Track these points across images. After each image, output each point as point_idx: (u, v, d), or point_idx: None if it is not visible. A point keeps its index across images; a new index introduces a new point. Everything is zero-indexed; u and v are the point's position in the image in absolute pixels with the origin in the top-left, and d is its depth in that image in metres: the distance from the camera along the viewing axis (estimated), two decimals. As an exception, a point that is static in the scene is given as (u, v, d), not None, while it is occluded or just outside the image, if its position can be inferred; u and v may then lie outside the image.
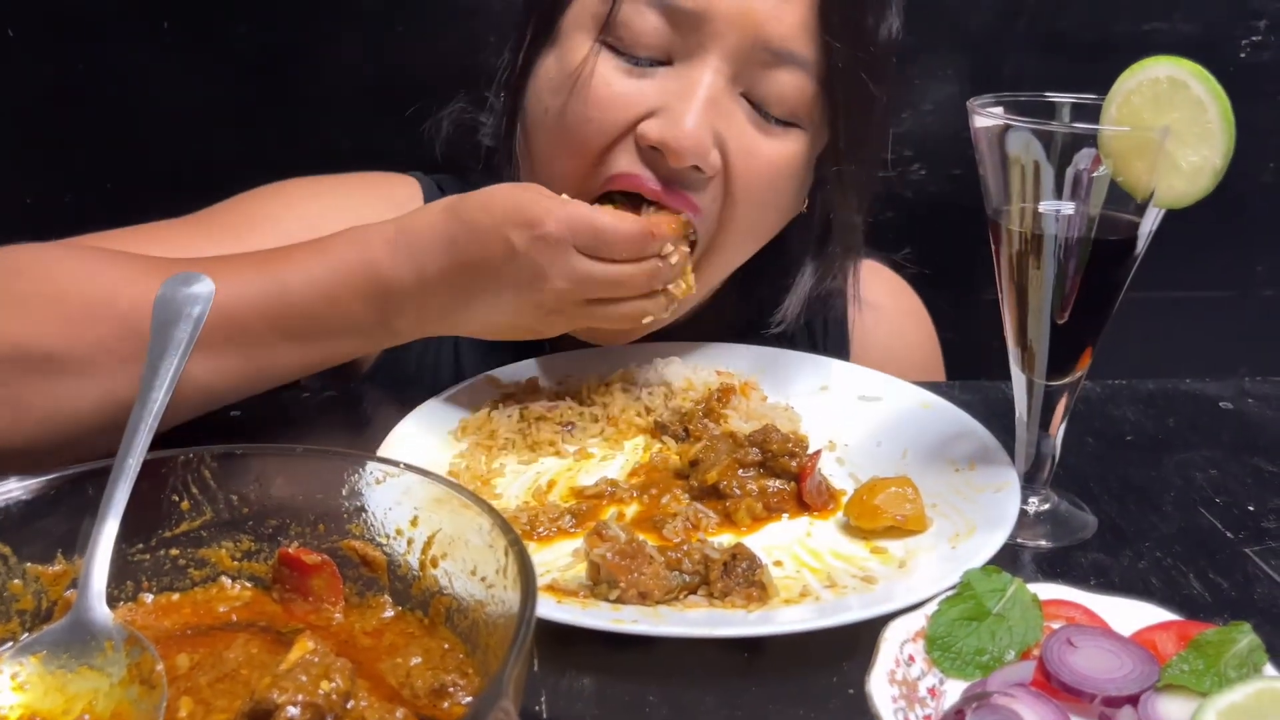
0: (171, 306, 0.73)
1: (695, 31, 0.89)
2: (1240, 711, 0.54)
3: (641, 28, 0.89)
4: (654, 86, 0.90)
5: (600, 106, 0.90)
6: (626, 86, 0.90)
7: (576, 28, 0.93)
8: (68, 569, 0.60)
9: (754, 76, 0.91)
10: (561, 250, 0.81)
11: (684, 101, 0.88)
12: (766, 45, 0.89)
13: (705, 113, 0.88)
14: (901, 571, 0.72)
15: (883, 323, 1.19)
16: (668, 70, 0.90)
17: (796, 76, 0.91)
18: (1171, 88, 0.65)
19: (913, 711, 0.57)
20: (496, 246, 0.81)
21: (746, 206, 0.93)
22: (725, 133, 0.90)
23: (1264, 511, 0.83)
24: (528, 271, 0.81)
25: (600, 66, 0.90)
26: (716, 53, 0.89)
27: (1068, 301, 0.74)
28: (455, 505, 0.59)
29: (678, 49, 0.90)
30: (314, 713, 0.51)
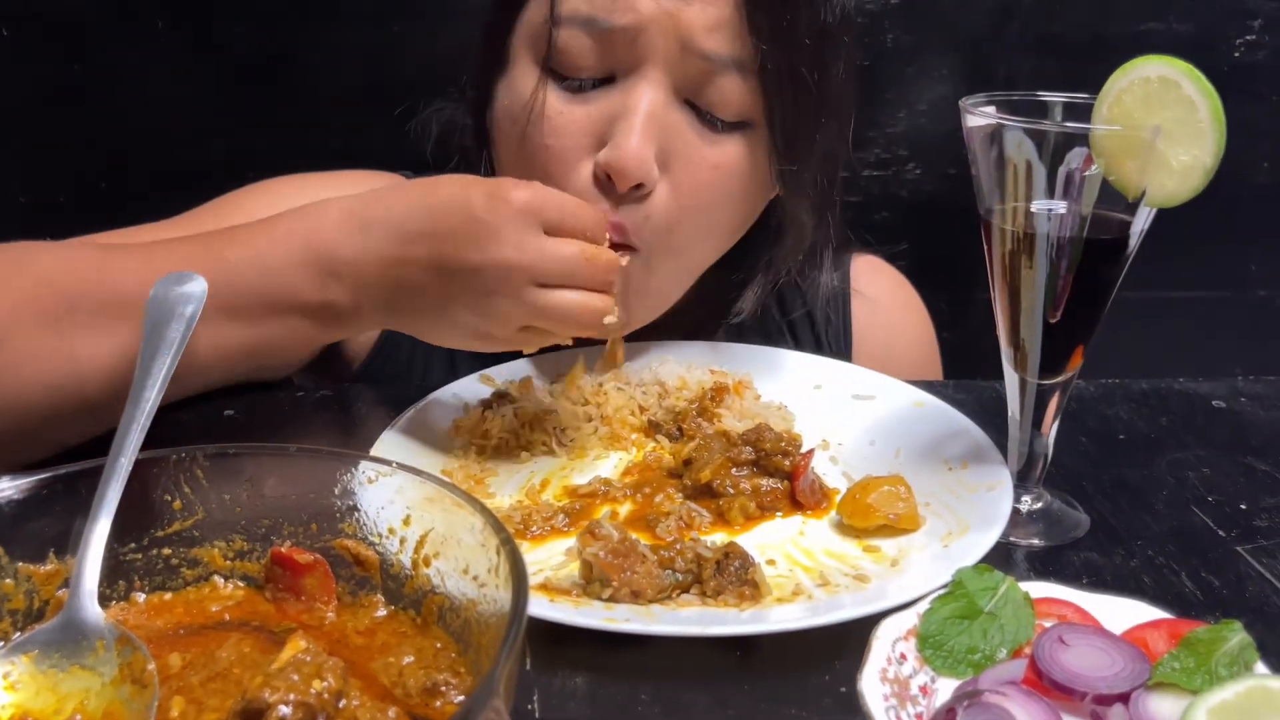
0: (164, 306, 0.73)
1: (629, 48, 0.90)
2: (1231, 709, 0.54)
3: (578, 51, 0.91)
4: (599, 109, 0.92)
5: (555, 134, 0.92)
6: (575, 113, 0.92)
7: (522, 54, 0.95)
8: (60, 568, 0.60)
9: (695, 84, 0.92)
10: (522, 219, 0.79)
11: (625, 121, 0.89)
12: (700, 52, 0.90)
13: (646, 128, 0.89)
14: (894, 570, 0.72)
15: (881, 316, 1.20)
16: (610, 89, 0.92)
17: (735, 79, 0.91)
18: (1163, 87, 0.65)
19: (904, 709, 0.57)
20: (455, 208, 0.80)
21: (694, 211, 0.94)
22: (668, 145, 0.91)
23: (1256, 510, 0.83)
24: (482, 231, 0.79)
25: (550, 95, 0.92)
26: (653, 65, 0.90)
27: (1060, 300, 0.74)
28: (448, 504, 0.59)
29: (617, 67, 0.91)
30: (306, 712, 0.51)
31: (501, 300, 0.81)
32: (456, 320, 0.83)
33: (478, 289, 0.80)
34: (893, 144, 1.53)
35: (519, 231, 0.79)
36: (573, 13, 0.90)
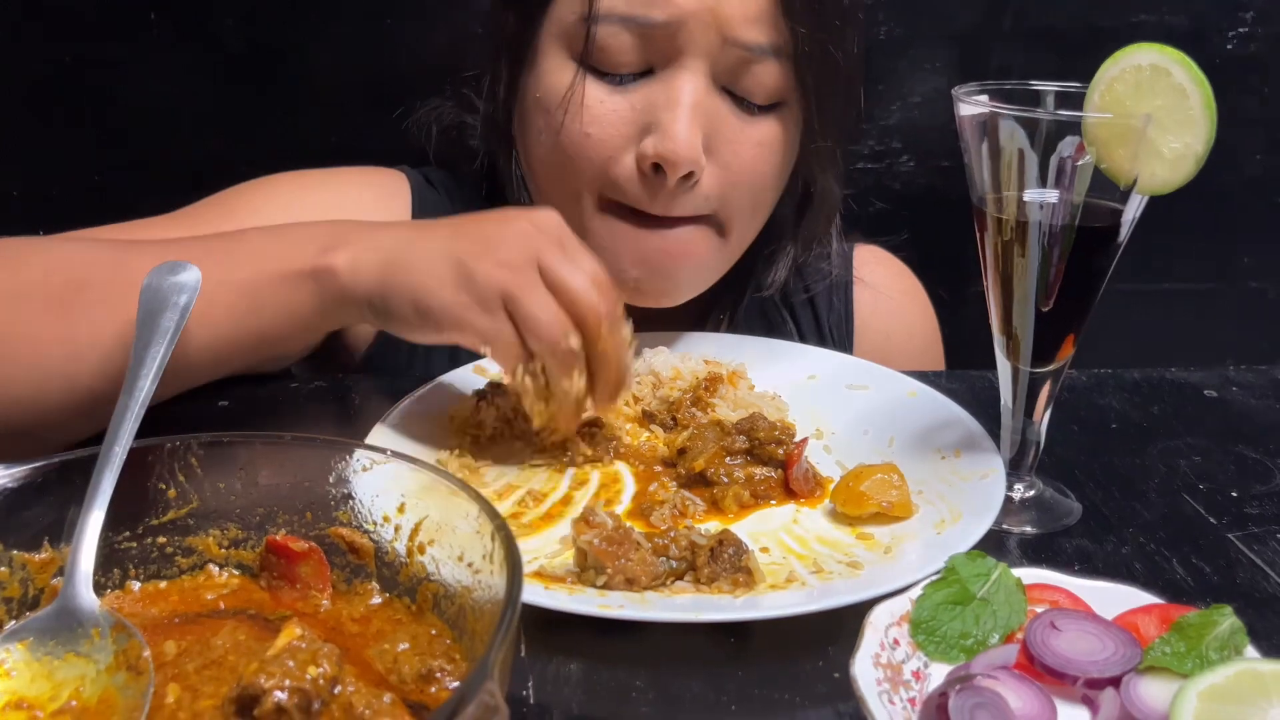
0: (158, 295, 0.73)
1: (669, 42, 0.92)
2: (1221, 692, 0.54)
3: (618, 48, 0.93)
4: (641, 99, 0.94)
5: (597, 123, 0.94)
6: (616, 102, 0.94)
7: (552, 50, 0.97)
8: (54, 556, 0.60)
9: (732, 72, 0.95)
10: (542, 227, 0.79)
11: (671, 111, 0.92)
12: (738, 42, 0.93)
13: (692, 118, 0.92)
14: (887, 557, 0.73)
15: (883, 304, 1.22)
16: (650, 81, 0.94)
17: (771, 64, 0.95)
18: (1154, 75, 0.66)
19: (897, 694, 0.57)
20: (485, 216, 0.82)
21: (743, 189, 0.98)
22: (713, 131, 0.94)
23: (1246, 497, 0.84)
24: (493, 221, 0.80)
25: (589, 88, 0.94)
26: (693, 57, 0.93)
27: (1052, 289, 0.75)
28: (442, 492, 0.60)
29: (656, 60, 0.94)
30: (301, 698, 0.51)
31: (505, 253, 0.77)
32: (441, 301, 0.78)
33: (483, 251, 0.78)
34: (886, 136, 1.53)
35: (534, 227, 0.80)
36: (610, 10, 0.92)
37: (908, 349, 1.23)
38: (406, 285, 0.78)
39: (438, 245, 0.79)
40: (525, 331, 0.77)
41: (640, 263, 0.99)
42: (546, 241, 0.78)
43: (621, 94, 0.95)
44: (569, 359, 0.77)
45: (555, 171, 0.99)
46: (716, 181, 0.96)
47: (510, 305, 0.77)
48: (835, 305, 1.21)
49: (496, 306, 0.77)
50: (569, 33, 0.95)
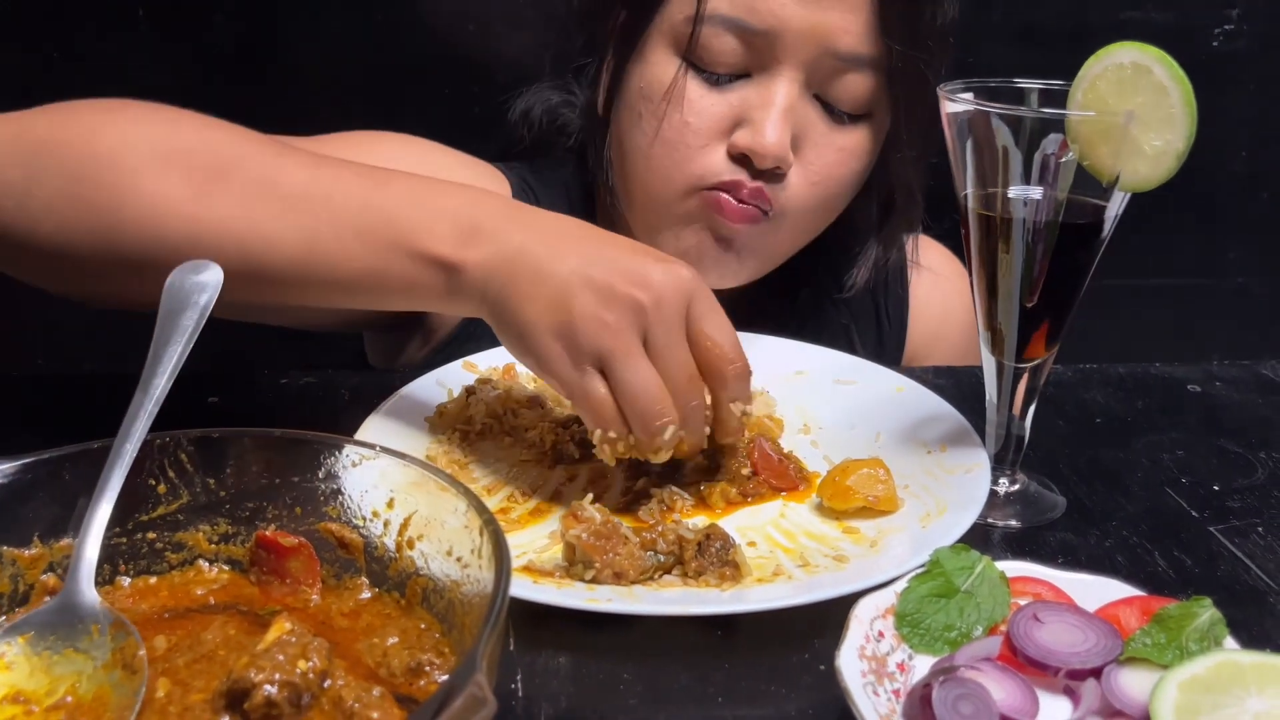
0: (179, 295, 0.71)
1: (769, 48, 0.98)
2: (1200, 683, 0.55)
3: (720, 49, 0.99)
4: (737, 98, 1.00)
5: (696, 114, 1.00)
6: (714, 98, 1.00)
7: (659, 45, 1.02)
8: (44, 552, 0.61)
9: (825, 81, 1.00)
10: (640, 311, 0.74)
11: (764, 112, 0.98)
12: (835, 54, 0.98)
13: (784, 120, 0.98)
14: (873, 551, 0.73)
15: (942, 284, 1.28)
16: (747, 83, 1.00)
17: (863, 76, 1.00)
18: (1135, 73, 0.66)
19: (881, 686, 0.58)
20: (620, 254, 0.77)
21: (822, 189, 1.04)
22: (802, 132, 1.00)
23: (1229, 491, 0.85)
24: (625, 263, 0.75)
25: (690, 83, 1.00)
26: (789, 65, 0.98)
27: (1036, 284, 0.75)
28: (431, 488, 0.60)
29: (754, 64, 0.99)
30: (291, 691, 0.52)
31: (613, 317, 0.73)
32: (540, 344, 0.75)
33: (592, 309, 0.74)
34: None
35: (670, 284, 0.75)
36: (715, 12, 0.98)
37: (962, 329, 1.28)
38: (517, 317, 0.75)
39: (558, 283, 0.74)
40: (620, 399, 0.74)
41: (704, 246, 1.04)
42: (660, 316, 0.74)
43: (720, 92, 1.00)
44: (655, 436, 0.75)
45: (655, 156, 1.03)
46: (798, 181, 1.02)
47: (607, 371, 0.74)
48: (893, 289, 1.26)
49: (589, 364, 0.74)
50: (676, 31, 1.01)
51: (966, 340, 1.28)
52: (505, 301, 0.76)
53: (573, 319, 0.73)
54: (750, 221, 1.01)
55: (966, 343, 1.28)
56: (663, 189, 1.04)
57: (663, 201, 1.04)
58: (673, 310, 0.75)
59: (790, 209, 1.03)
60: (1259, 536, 0.78)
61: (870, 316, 1.25)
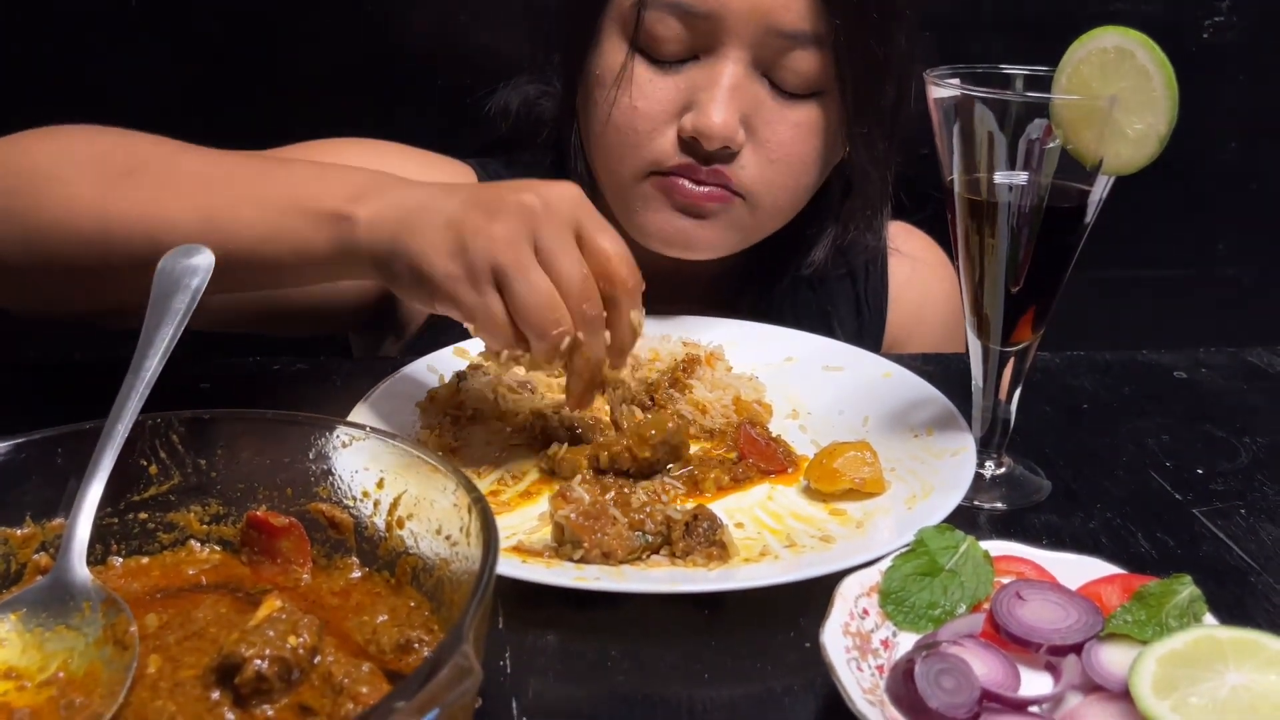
0: (171, 278, 0.72)
1: (713, 30, 0.99)
2: (1179, 658, 0.56)
3: (665, 33, 1.00)
4: (685, 80, 1.01)
5: (644, 98, 1.02)
6: (663, 81, 1.02)
7: (612, 31, 1.04)
8: (36, 532, 0.61)
9: (772, 60, 1.01)
10: (540, 212, 0.75)
11: (709, 93, 0.99)
12: (779, 32, 0.99)
13: (730, 101, 0.99)
14: (859, 531, 0.74)
15: (920, 271, 1.29)
16: (694, 65, 1.02)
17: (809, 53, 1.00)
18: (1119, 57, 0.67)
19: (865, 662, 0.58)
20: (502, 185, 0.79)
21: (782, 166, 1.04)
22: (751, 111, 1.01)
23: (1212, 474, 0.86)
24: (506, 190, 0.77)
25: (638, 66, 1.02)
26: (734, 45, 0.99)
27: (1021, 269, 0.76)
28: (421, 468, 0.61)
29: (700, 46, 1.01)
30: (281, 667, 0.52)
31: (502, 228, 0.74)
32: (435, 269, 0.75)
33: (481, 223, 0.75)
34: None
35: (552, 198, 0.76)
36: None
37: (941, 316, 1.29)
38: (409, 249, 0.76)
39: (448, 211, 0.76)
40: (514, 313, 0.75)
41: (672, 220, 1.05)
42: (548, 220, 0.75)
43: (668, 75, 1.02)
44: (552, 352, 0.76)
45: (608, 140, 1.05)
46: (755, 159, 1.03)
47: (501, 281, 0.74)
48: (871, 275, 1.26)
49: (487, 282, 0.74)
50: (625, 17, 1.02)
51: (946, 327, 1.29)
52: (395, 243, 0.77)
53: (463, 236, 0.74)
54: (715, 200, 1.02)
55: (946, 329, 1.29)
56: (619, 172, 1.05)
57: (621, 184, 1.06)
58: (561, 216, 0.76)
59: (757, 189, 1.04)
60: (1241, 518, 0.79)
61: (850, 303, 1.25)
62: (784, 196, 1.07)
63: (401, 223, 0.77)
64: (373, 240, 0.77)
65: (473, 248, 0.74)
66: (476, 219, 0.75)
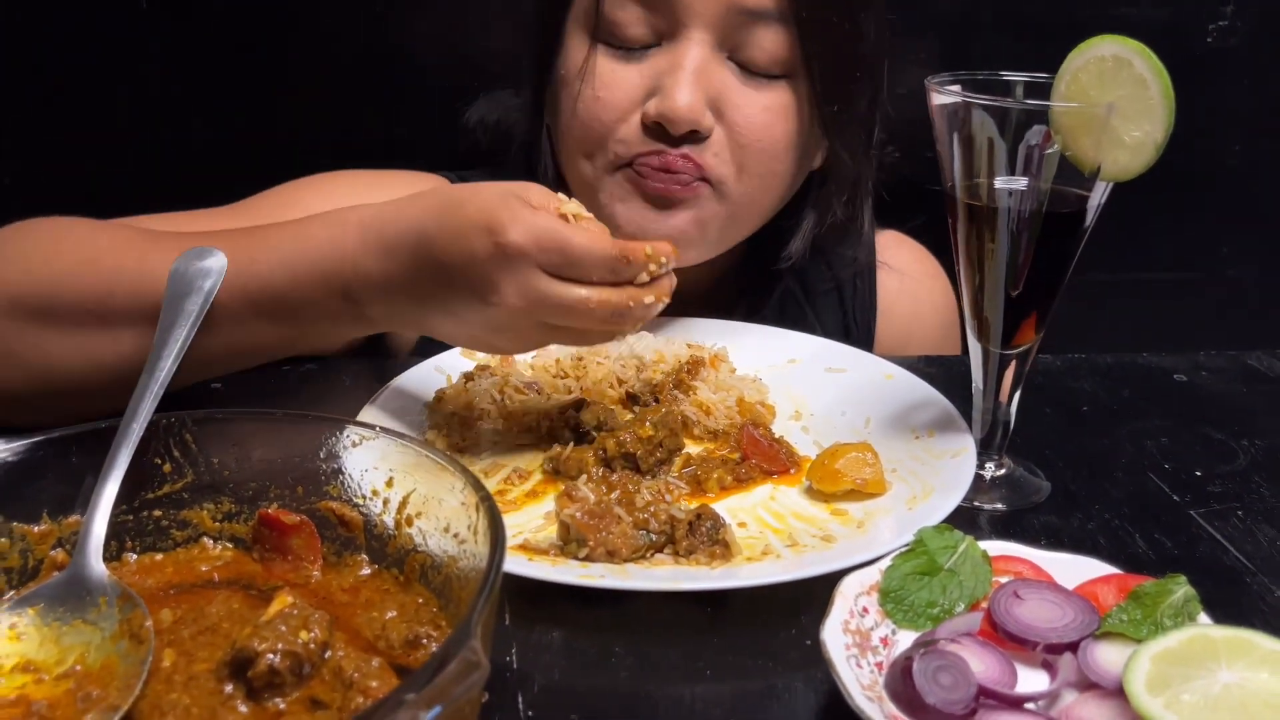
0: (184, 280, 0.74)
1: (673, 13, 0.98)
2: (1173, 656, 0.57)
3: (625, 20, 1.00)
4: (649, 67, 1.00)
5: (608, 89, 1.01)
6: (626, 72, 1.01)
7: (575, 29, 1.04)
8: (53, 528, 0.62)
9: (737, 39, 1.00)
10: (519, 265, 0.75)
11: (673, 76, 0.98)
12: (740, 9, 0.98)
13: (695, 83, 0.98)
14: (860, 531, 0.75)
15: (909, 286, 1.27)
16: (658, 51, 1.01)
17: (774, 30, 1.00)
18: (1116, 65, 0.68)
19: (864, 659, 0.59)
20: (459, 250, 0.77)
21: (754, 153, 1.03)
22: (719, 95, 1.00)
23: (1210, 476, 0.87)
24: (479, 281, 0.76)
25: (600, 59, 1.01)
26: (696, 27, 0.98)
27: (1021, 273, 0.77)
28: (429, 467, 0.62)
29: (663, 30, 1.00)
30: (293, 661, 0.54)
31: (512, 336, 0.81)
32: (476, 337, 0.83)
33: (489, 321, 0.79)
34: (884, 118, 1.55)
35: (518, 279, 0.76)
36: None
37: (931, 330, 1.27)
38: (442, 338, 0.85)
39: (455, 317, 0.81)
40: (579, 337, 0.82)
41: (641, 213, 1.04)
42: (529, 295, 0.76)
43: (631, 63, 1.01)
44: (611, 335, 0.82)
45: (574, 136, 1.05)
46: (726, 143, 1.01)
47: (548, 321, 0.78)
48: (860, 289, 1.25)
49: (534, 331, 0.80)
50: (586, 12, 1.02)
51: (936, 341, 1.27)
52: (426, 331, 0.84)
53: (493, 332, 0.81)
54: (684, 189, 1.01)
55: (936, 344, 1.27)
56: (587, 167, 1.05)
57: (590, 180, 1.05)
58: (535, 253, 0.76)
59: (726, 176, 1.02)
60: (1238, 519, 0.80)
61: (837, 318, 1.24)
62: (756, 183, 1.04)
63: (418, 325, 0.84)
64: (402, 327, 0.87)
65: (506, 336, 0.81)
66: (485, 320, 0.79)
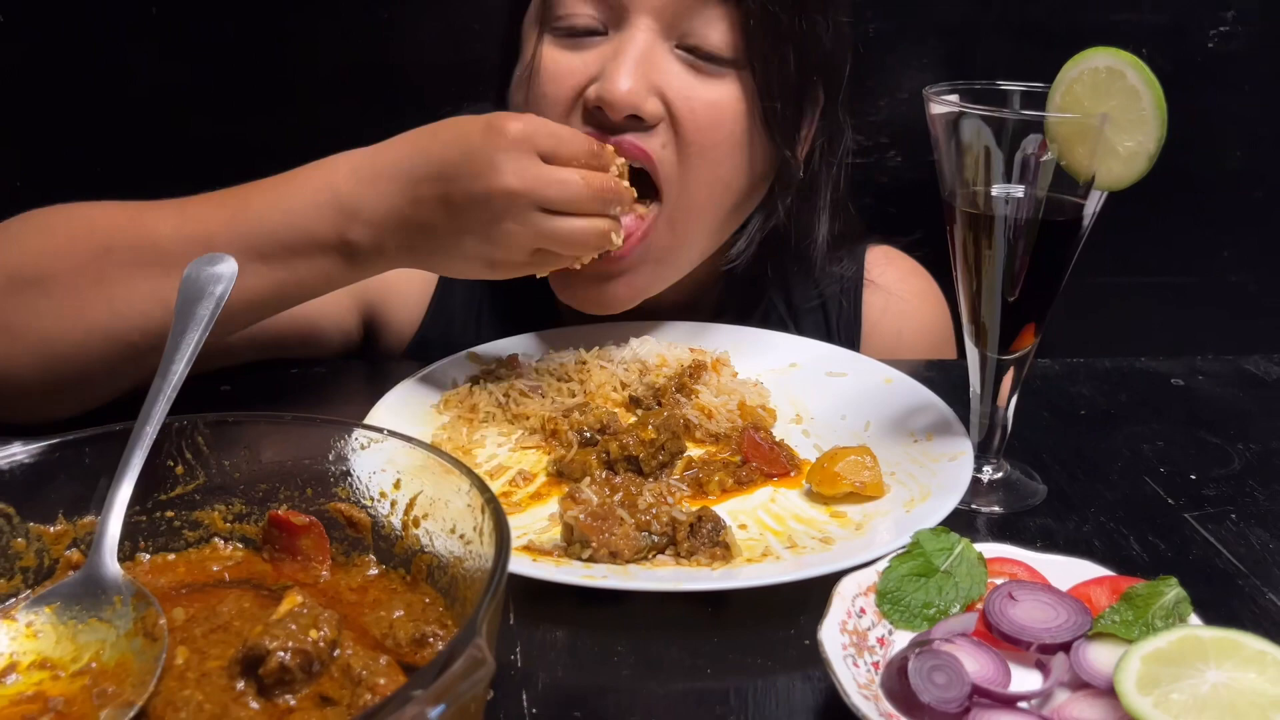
0: (196, 285, 0.76)
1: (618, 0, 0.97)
2: (1163, 656, 0.58)
3: (572, 8, 0.99)
4: (594, 55, 0.99)
5: (551, 81, 1.00)
6: (571, 61, 1.00)
7: (530, 29, 1.04)
8: (68, 529, 0.64)
9: (684, 27, 0.98)
10: (517, 148, 0.85)
11: (615, 62, 0.96)
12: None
13: (638, 69, 0.96)
14: (858, 533, 0.76)
15: (894, 304, 1.23)
16: (604, 39, 1.00)
17: (721, 15, 0.98)
18: (1109, 77, 0.69)
19: (861, 658, 0.61)
20: (458, 145, 0.85)
21: (699, 148, 1.00)
22: (664, 84, 0.98)
23: (1205, 480, 0.88)
24: (480, 165, 0.84)
25: (546, 50, 1.00)
26: (642, 13, 0.98)
27: (1017, 279, 0.78)
28: (436, 469, 0.63)
29: (609, 18, 0.99)
30: (303, 659, 0.55)
31: (508, 225, 0.86)
32: (468, 252, 0.88)
33: (485, 218, 0.85)
34: (875, 132, 1.56)
35: (516, 160, 0.85)
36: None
37: (917, 349, 1.24)
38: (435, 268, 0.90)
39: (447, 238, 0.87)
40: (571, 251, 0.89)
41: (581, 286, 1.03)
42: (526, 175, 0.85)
43: (577, 53, 1.00)
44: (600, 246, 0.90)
45: None
46: (675, 138, 0.99)
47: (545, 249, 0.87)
48: (844, 308, 1.22)
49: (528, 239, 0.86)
50: (537, 6, 1.02)
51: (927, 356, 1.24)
52: (424, 265, 0.90)
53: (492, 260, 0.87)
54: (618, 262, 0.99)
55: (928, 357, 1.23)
56: None
57: None
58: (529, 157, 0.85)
59: (671, 177, 1.00)
60: (1231, 523, 0.81)
61: (821, 335, 1.18)
62: (702, 193, 1.02)
63: (410, 250, 0.86)
64: (383, 252, 0.86)
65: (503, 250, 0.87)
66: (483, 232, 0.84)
